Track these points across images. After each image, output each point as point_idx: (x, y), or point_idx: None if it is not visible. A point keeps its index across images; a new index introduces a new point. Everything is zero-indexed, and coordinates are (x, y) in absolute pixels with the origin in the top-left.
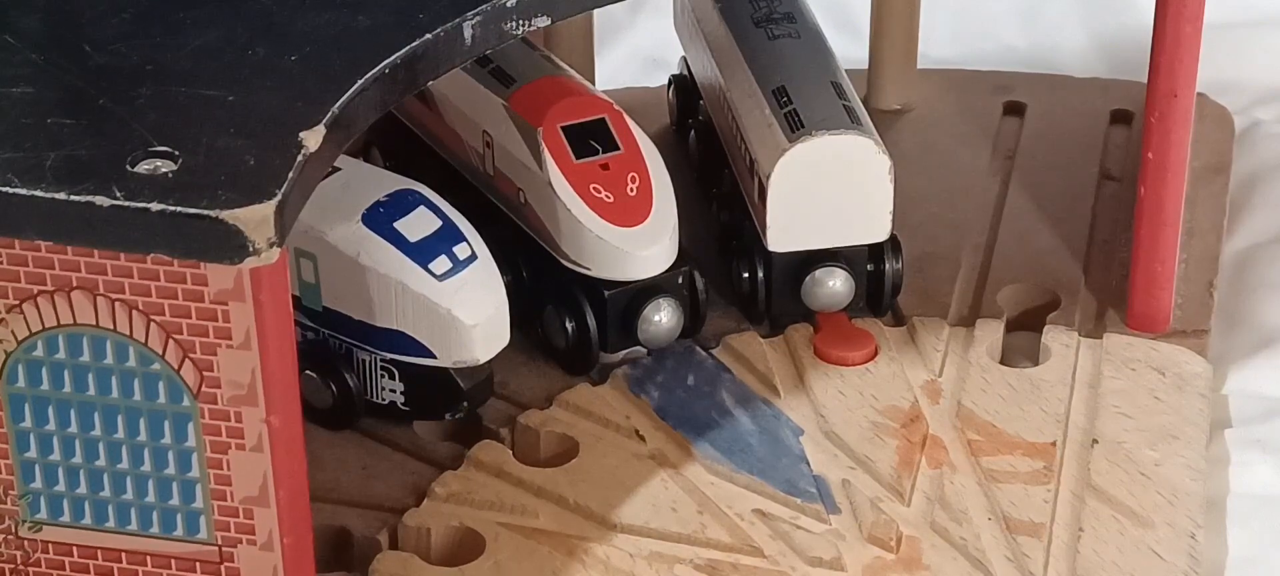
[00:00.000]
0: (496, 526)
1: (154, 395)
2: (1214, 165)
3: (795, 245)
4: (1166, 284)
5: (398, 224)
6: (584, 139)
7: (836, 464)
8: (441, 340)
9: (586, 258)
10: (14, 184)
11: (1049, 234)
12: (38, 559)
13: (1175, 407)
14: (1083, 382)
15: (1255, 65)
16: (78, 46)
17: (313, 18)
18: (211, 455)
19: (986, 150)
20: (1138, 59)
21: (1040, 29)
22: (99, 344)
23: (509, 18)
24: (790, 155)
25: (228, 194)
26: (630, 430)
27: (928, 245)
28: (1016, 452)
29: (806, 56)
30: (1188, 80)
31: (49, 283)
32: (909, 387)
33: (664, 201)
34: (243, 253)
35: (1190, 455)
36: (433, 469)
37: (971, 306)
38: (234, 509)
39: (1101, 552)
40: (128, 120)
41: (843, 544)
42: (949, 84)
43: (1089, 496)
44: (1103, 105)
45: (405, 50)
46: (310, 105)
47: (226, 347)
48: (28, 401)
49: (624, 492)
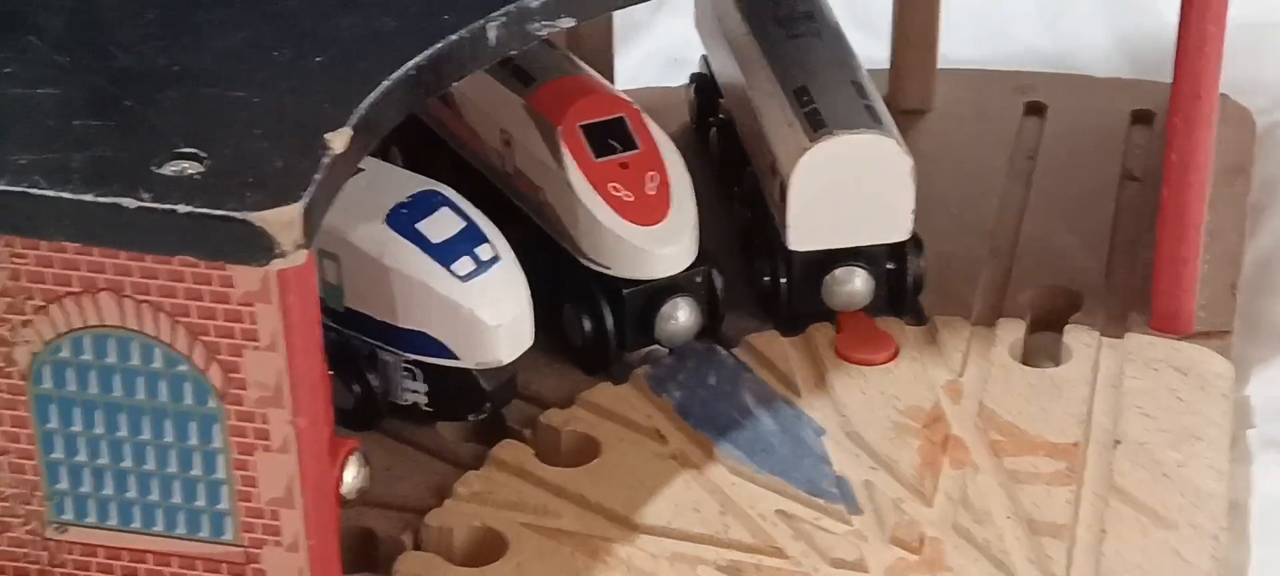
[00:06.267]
0: (519, 526)
1: (180, 396)
2: (1236, 166)
3: (816, 244)
4: (1189, 285)
5: (421, 225)
6: (603, 138)
7: (858, 464)
8: (464, 341)
9: (605, 256)
10: (41, 186)
11: (1071, 234)
12: (63, 560)
13: (1198, 408)
14: (1105, 383)
15: (1277, 66)
16: (103, 48)
17: (338, 19)
18: (237, 457)
19: (1008, 150)
20: (1159, 59)
21: (1061, 29)
22: (125, 345)
23: (533, 18)
24: (811, 154)
25: (254, 196)
26: (652, 430)
27: (949, 245)
28: (1039, 453)
29: (827, 56)
30: (1211, 81)
31: (75, 284)
32: (931, 388)
33: (683, 200)
34: (269, 254)
35: (1213, 456)
36: (455, 469)
37: (993, 307)
38: (260, 510)
39: (1124, 554)
40: (154, 122)
41: (865, 545)
42: (970, 84)
43: (1112, 497)
44: (1124, 105)
45: (430, 51)
46: (336, 107)
47: (253, 349)
48: (54, 402)
49: (646, 493)
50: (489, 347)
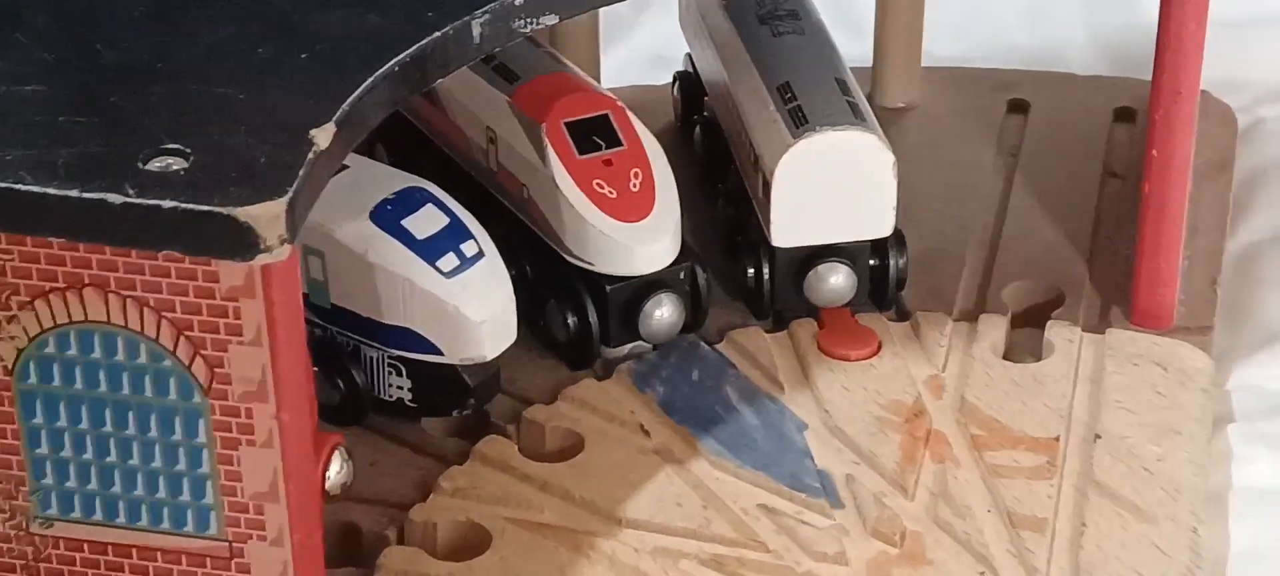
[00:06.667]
0: (503, 521)
1: (165, 391)
2: (1217, 163)
3: (799, 241)
4: (1170, 280)
5: (406, 221)
6: (587, 135)
7: (840, 459)
8: (449, 337)
9: (589, 252)
10: (26, 181)
11: (1053, 230)
12: (49, 554)
13: (1178, 403)
14: (1086, 378)
15: (1258, 63)
16: (89, 44)
17: (323, 16)
18: (222, 451)
19: (990, 148)
20: (1140, 57)
21: (1043, 27)
22: (110, 340)
23: (518, 16)
24: (794, 151)
25: (239, 191)
26: (635, 425)
27: (932, 242)
28: (1020, 447)
29: (811, 53)
30: (1192, 78)
31: (61, 279)
32: (913, 383)
33: (666, 197)
34: (254, 250)
35: (1193, 450)
36: (439, 464)
37: (975, 302)
38: (244, 504)
39: (1104, 547)
40: (140, 118)
41: (847, 538)
42: (953, 81)
43: (1092, 491)
44: (1106, 103)
45: (415, 48)
46: (321, 103)
47: (237, 344)
48: (39, 398)
49: (629, 487)
50: (473, 343)
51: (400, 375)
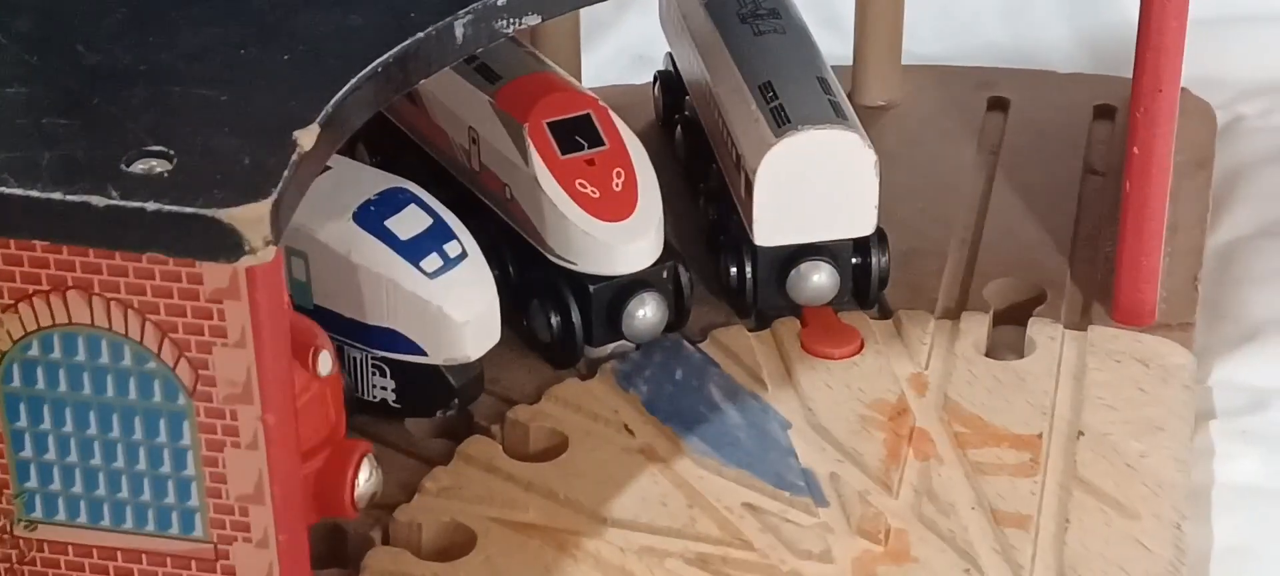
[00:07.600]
0: (487, 521)
1: (149, 393)
2: (1197, 160)
3: (782, 239)
4: (1151, 277)
5: (389, 222)
6: (569, 134)
7: (824, 457)
8: (432, 337)
9: (572, 252)
10: (9, 184)
11: (1034, 228)
12: (33, 558)
13: (1160, 399)
14: (1068, 375)
15: (1237, 60)
16: (71, 47)
17: (305, 17)
18: (207, 453)
19: (971, 145)
20: (1120, 54)
21: (1024, 25)
22: (94, 343)
23: (500, 16)
24: (776, 150)
25: (223, 193)
26: (619, 424)
27: (914, 240)
28: (1003, 445)
29: (792, 52)
30: (1172, 75)
31: (44, 282)
32: (895, 380)
33: (649, 196)
34: (238, 251)
35: (1175, 446)
36: (423, 464)
37: (958, 300)
38: (229, 506)
39: (1088, 544)
40: (122, 120)
41: (831, 536)
42: (933, 80)
43: (1075, 488)
44: (1086, 100)
45: (398, 49)
46: (304, 104)
47: (222, 346)
48: (23, 401)
49: (614, 487)
50: (457, 343)
51: (384, 376)
